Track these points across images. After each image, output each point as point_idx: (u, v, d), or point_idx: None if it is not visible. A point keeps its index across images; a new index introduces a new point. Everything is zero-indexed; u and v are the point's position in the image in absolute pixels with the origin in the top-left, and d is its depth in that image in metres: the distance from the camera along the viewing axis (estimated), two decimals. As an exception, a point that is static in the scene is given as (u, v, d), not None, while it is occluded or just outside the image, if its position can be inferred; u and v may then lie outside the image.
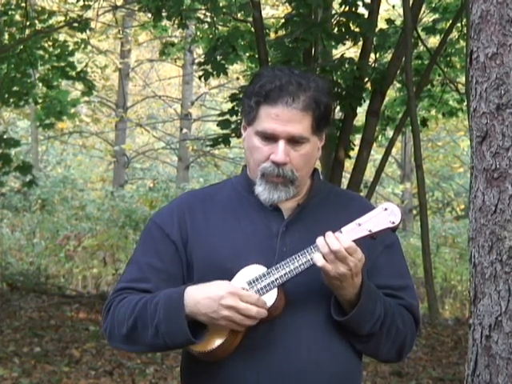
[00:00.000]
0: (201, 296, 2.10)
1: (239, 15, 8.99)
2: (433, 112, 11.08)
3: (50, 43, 10.19)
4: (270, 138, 2.18)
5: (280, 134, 2.16)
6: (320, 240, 2.09)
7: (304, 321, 2.16)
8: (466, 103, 9.23)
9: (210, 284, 2.12)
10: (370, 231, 2.11)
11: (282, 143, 2.17)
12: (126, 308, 2.19)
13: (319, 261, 2.08)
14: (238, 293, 2.08)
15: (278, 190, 2.19)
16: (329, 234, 2.10)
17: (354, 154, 9.37)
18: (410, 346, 2.27)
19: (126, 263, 2.34)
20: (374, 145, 9.99)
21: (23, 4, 9.54)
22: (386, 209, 2.12)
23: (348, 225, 2.12)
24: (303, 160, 2.20)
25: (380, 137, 10.82)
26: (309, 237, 2.15)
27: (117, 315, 2.20)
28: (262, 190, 2.20)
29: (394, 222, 2.11)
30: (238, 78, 12.35)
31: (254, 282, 2.12)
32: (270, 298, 2.11)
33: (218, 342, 2.11)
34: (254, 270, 2.14)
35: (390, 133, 10.50)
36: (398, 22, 9.88)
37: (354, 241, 2.10)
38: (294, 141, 2.18)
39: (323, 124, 2.22)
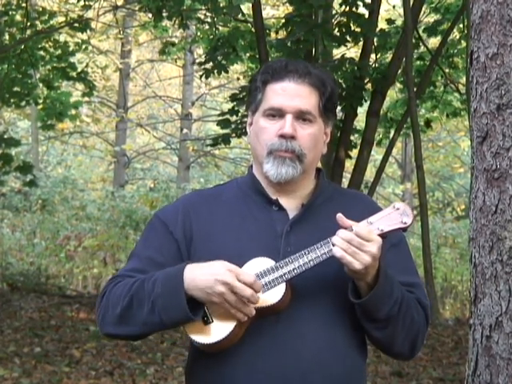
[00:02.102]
0: (199, 272, 2.09)
1: (239, 15, 8.99)
2: (436, 113, 11.07)
3: (51, 44, 10.19)
4: (277, 115, 2.19)
5: (287, 108, 2.18)
6: (335, 238, 2.08)
7: (308, 321, 2.16)
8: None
9: (211, 262, 2.11)
10: (381, 230, 2.10)
11: (289, 117, 2.18)
12: (121, 289, 2.17)
13: (338, 251, 2.05)
14: (236, 271, 2.07)
15: (285, 164, 2.18)
16: (339, 230, 2.09)
17: (354, 154, 9.37)
18: (421, 341, 2.24)
19: (128, 256, 2.33)
20: (375, 145, 9.98)
21: (24, 4, 9.54)
22: (397, 208, 2.11)
23: (359, 223, 2.11)
24: (310, 140, 2.20)
25: (383, 139, 10.80)
26: (313, 237, 2.15)
27: (112, 297, 2.18)
28: (270, 167, 2.20)
29: (405, 223, 2.11)
30: (238, 79, 12.35)
31: (262, 274, 2.11)
32: (278, 292, 2.10)
33: (223, 334, 2.10)
34: (262, 263, 2.13)
35: (390, 133, 10.50)
36: (399, 23, 9.89)
37: None
38: (301, 117, 2.19)
39: (329, 108, 2.24)
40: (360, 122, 11.52)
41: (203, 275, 2.08)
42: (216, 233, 2.23)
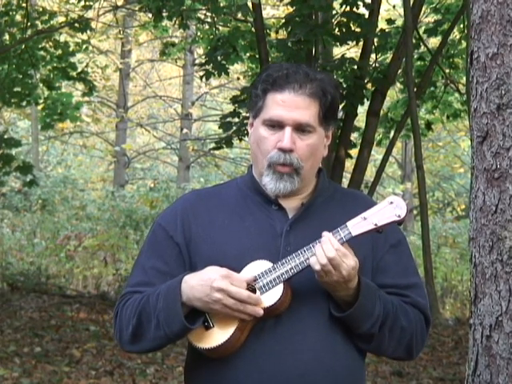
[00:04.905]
0: (195, 281, 2.12)
1: (239, 15, 8.99)
2: (436, 114, 11.05)
3: (51, 44, 10.19)
4: (276, 126, 2.19)
5: (286, 121, 2.18)
6: (318, 248, 2.10)
7: (308, 322, 2.16)
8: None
9: (205, 269, 2.13)
10: (375, 225, 2.10)
11: (288, 129, 2.18)
12: (131, 308, 2.21)
13: (316, 265, 2.09)
14: (230, 276, 2.09)
15: (283, 180, 2.20)
16: (324, 238, 2.10)
17: (354, 153, 9.37)
18: (420, 343, 2.24)
19: (133, 264, 2.36)
20: (375, 145, 9.97)
21: (24, 4, 9.53)
22: (391, 202, 2.12)
23: (353, 219, 2.11)
24: (309, 150, 2.20)
25: (383, 139, 10.78)
26: (313, 236, 2.15)
27: (123, 317, 2.22)
28: (268, 181, 2.21)
29: (399, 216, 2.10)
30: (238, 78, 12.34)
31: (259, 277, 2.12)
32: (276, 293, 2.11)
33: (224, 337, 2.11)
34: (259, 266, 2.14)
35: (390, 133, 10.49)
36: (399, 23, 9.88)
37: (360, 235, 2.10)
38: (300, 129, 2.19)
39: (330, 116, 2.23)
40: (360, 121, 11.51)
41: (198, 285, 2.10)
42: (215, 233, 2.24)
